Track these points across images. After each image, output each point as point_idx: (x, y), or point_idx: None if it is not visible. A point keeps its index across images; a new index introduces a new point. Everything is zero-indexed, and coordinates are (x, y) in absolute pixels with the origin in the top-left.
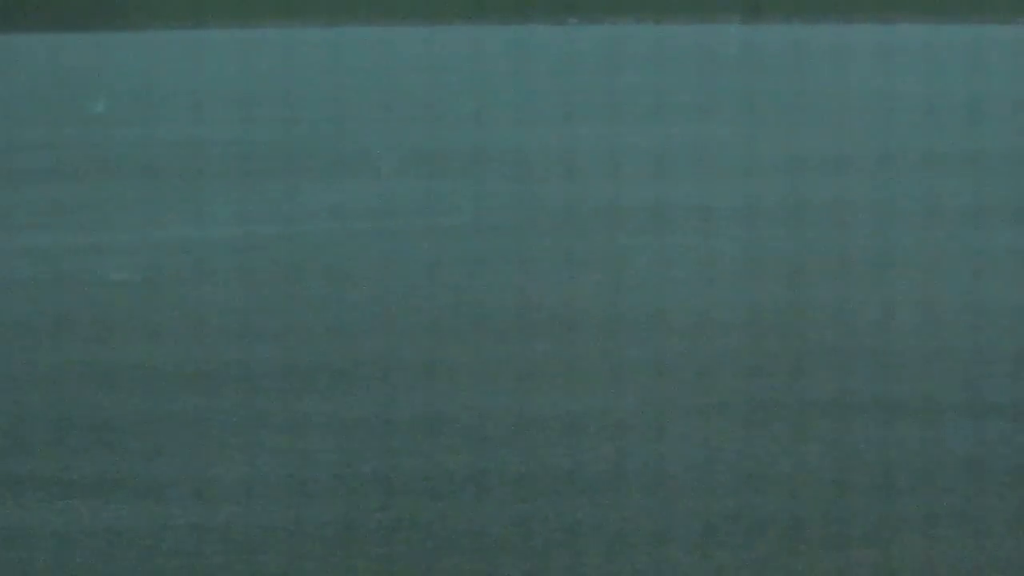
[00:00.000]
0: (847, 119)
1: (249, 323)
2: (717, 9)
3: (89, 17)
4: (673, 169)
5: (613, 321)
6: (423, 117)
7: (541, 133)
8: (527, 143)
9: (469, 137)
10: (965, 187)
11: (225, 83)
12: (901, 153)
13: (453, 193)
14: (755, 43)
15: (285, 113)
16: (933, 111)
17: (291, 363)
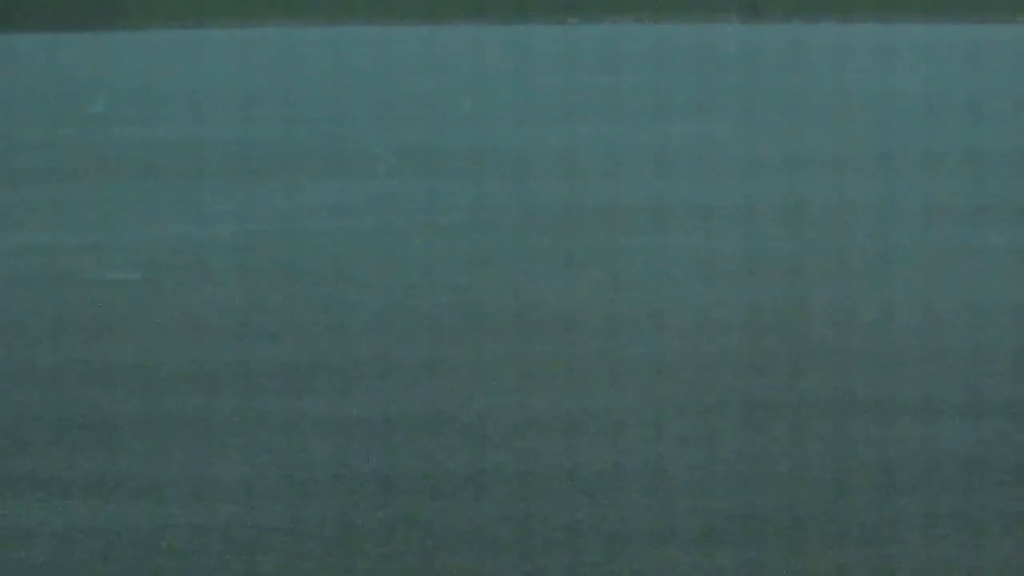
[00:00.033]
0: (847, 119)
1: (249, 322)
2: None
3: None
4: (673, 169)
5: (613, 321)
6: (423, 117)
7: (541, 133)
8: (527, 143)
9: (469, 137)
10: (965, 187)
11: (225, 83)
12: (901, 153)
13: (453, 193)
14: (754, 43)
15: (285, 113)
16: (933, 111)
17: (291, 362)
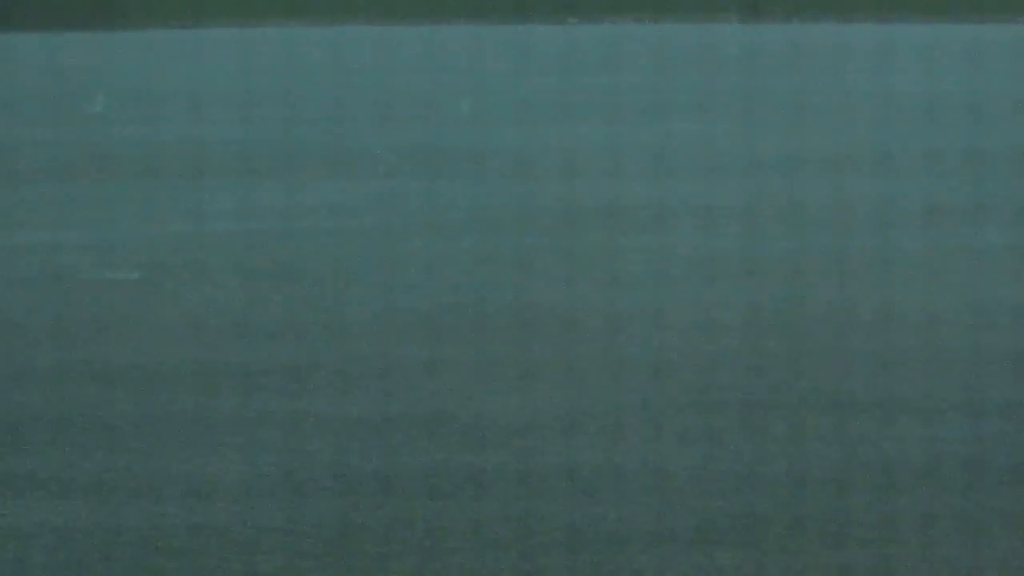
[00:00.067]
0: (847, 119)
1: (248, 322)
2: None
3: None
4: (673, 169)
5: (613, 321)
6: (423, 117)
7: (541, 133)
8: (527, 143)
9: (469, 137)
10: (965, 187)
11: (225, 83)
12: (901, 153)
13: (453, 193)
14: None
15: (285, 113)
16: (933, 111)
17: (290, 362)
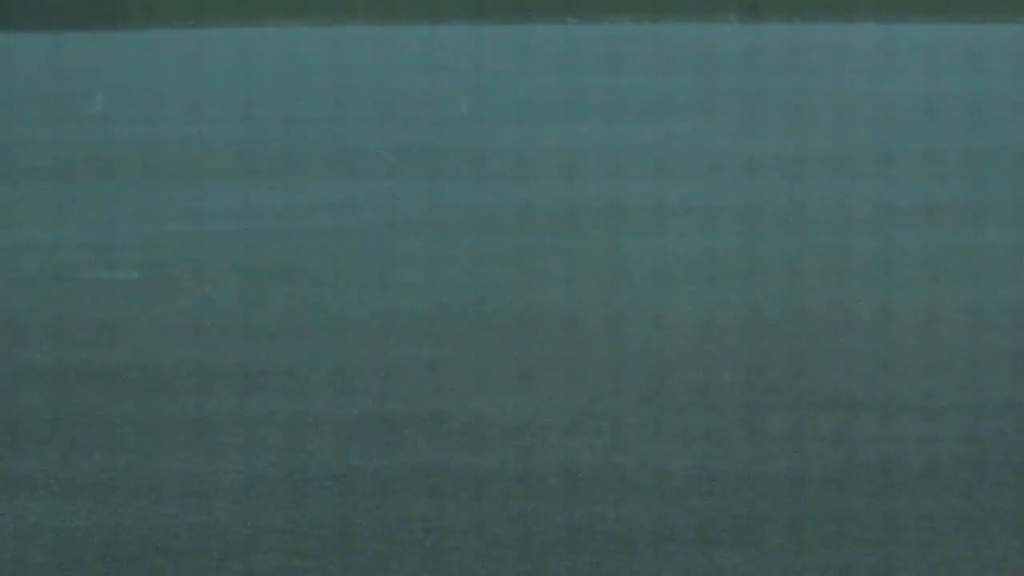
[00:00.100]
0: (847, 119)
1: (248, 322)
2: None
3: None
4: (673, 169)
5: (613, 321)
6: (423, 117)
7: (541, 133)
8: (527, 143)
9: (469, 137)
10: (965, 187)
11: (225, 83)
12: (901, 153)
13: (453, 192)
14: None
15: (285, 113)
16: (933, 111)
17: (290, 362)
